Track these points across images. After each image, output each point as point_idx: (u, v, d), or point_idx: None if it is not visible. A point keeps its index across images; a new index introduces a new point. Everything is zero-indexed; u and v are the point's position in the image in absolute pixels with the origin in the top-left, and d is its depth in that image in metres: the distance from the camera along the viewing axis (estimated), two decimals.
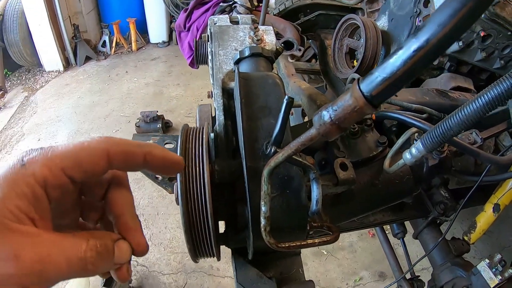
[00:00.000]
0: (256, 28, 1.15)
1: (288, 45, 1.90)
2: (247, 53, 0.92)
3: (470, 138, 1.41)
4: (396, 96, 1.41)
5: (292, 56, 1.99)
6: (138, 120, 4.03)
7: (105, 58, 6.00)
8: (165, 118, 4.17)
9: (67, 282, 2.48)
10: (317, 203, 0.70)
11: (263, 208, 0.66)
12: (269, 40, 1.13)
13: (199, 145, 0.77)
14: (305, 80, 2.65)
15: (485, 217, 1.94)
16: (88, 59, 5.88)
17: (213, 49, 1.13)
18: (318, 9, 2.45)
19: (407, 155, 0.95)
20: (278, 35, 2.16)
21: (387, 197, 1.20)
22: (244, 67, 0.93)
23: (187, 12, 2.55)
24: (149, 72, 5.52)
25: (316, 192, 0.70)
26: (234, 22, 1.33)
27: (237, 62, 0.95)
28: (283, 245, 0.69)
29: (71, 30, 5.73)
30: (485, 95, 0.69)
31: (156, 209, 3.23)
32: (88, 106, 4.74)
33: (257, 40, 1.09)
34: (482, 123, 1.58)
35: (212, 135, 0.89)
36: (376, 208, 1.25)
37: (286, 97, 0.64)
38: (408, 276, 2.00)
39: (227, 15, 1.37)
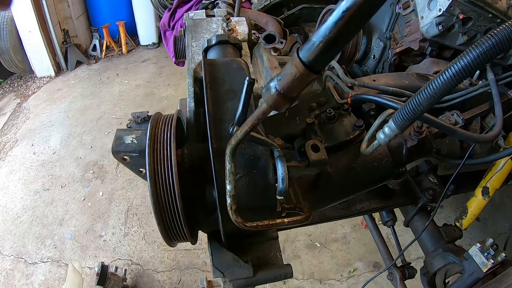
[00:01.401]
0: (228, 19, 1.16)
1: (270, 39, 1.90)
2: (214, 41, 0.93)
3: (451, 119, 1.41)
4: (374, 81, 1.42)
5: (275, 50, 2.00)
6: (129, 121, 4.02)
7: (96, 62, 5.99)
8: None
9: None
10: (283, 182, 0.71)
11: (228, 187, 0.67)
12: (241, 30, 1.14)
13: (167, 130, 0.78)
14: None
15: (476, 202, 1.94)
16: (79, 63, 5.87)
17: (187, 42, 1.14)
18: (301, 2, 2.47)
19: (380, 135, 0.96)
20: (260, 30, 2.17)
21: (366, 180, 1.20)
22: (212, 54, 0.94)
23: (171, 11, 2.56)
24: (139, 74, 5.52)
25: (281, 170, 0.70)
26: (210, 16, 1.34)
27: (205, 51, 0.96)
28: (251, 224, 0.70)
29: (61, 35, 5.71)
30: (450, 68, 0.70)
31: (149, 208, 3.23)
32: (80, 110, 4.74)
33: (229, 30, 1.10)
34: (465, 105, 1.58)
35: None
36: (357, 192, 1.25)
37: (247, 78, 0.65)
38: (400, 264, 2.00)
39: (203, 10, 1.38)
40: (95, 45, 6.14)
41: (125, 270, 2.63)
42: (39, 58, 5.56)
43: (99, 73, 5.64)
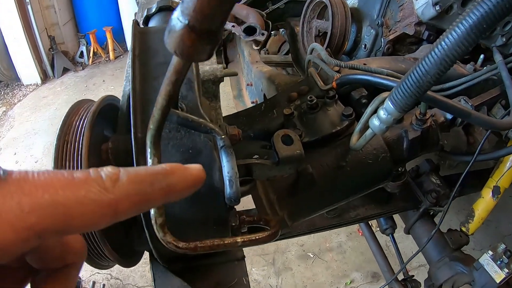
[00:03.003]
0: None
1: (250, 31, 1.77)
2: (154, 9, 0.73)
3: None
4: (365, 64, 1.23)
5: (257, 43, 1.84)
6: None
7: (82, 69, 5.84)
8: None
9: None
10: (231, 184, 0.50)
11: None
12: None
13: (85, 117, 0.58)
14: None
15: (484, 203, 1.77)
16: (66, 70, 5.72)
17: (137, 20, 0.96)
18: None
19: (374, 122, 0.75)
20: (241, 23, 2.03)
21: (359, 183, 0.99)
22: (153, 24, 0.75)
23: None
24: None
25: (227, 167, 0.50)
26: None
27: (145, 21, 0.77)
28: (187, 245, 0.49)
29: (48, 42, 5.58)
30: (467, 19, 0.52)
31: None
32: None
33: None
34: (470, 94, 1.40)
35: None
36: (348, 198, 1.03)
37: None
38: (401, 276, 1.81)
39: None
40: (82, 52, 5.99)
41: (104, 285, 2.46)
42: (25, 66, 5.45)
43: (86, 80, 5.51)
